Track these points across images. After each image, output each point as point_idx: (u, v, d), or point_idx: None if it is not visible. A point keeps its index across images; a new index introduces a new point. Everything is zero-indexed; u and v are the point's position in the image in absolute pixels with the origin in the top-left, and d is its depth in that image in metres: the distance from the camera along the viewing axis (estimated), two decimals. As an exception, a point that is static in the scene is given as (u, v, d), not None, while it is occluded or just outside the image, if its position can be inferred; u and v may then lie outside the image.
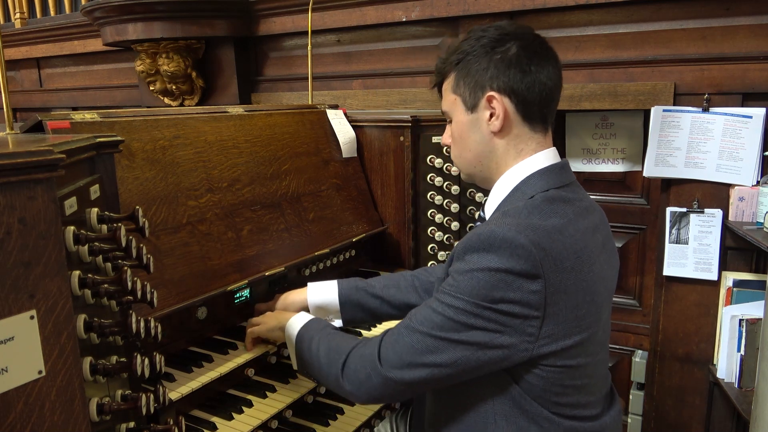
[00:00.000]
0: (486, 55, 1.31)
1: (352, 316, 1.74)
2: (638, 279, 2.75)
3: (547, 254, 1.15)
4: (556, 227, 1.20)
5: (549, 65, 1.32)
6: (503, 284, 1.14)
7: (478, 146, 1.36)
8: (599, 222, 1.37)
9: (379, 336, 1.30)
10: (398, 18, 2.81)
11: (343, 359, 1.31)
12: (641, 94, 2.36)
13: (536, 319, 1.16)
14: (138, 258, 1.11)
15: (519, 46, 1.30)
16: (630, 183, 2.72)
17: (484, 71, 1.31)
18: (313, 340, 1.43)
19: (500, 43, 1.31)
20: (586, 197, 1.38)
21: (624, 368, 2.77)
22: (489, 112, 1.32)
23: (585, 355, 1.25)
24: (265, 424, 1.53)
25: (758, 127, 2.18)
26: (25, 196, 0.79)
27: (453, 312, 1.18)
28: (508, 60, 1.29)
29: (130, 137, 1.56)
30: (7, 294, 0.78)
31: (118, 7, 3.12)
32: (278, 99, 3.32)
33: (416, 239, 2.32)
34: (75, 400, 0.87)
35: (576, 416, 1.28)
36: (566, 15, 2.49)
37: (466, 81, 1.34)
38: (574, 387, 1.26)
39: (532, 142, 1.34)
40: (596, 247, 1.28)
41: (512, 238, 1.14)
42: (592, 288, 1.22)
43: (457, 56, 1.36)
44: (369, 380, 1.26)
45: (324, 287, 1.74)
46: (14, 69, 4.66)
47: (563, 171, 1.35)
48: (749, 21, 2.17)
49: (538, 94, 1.30)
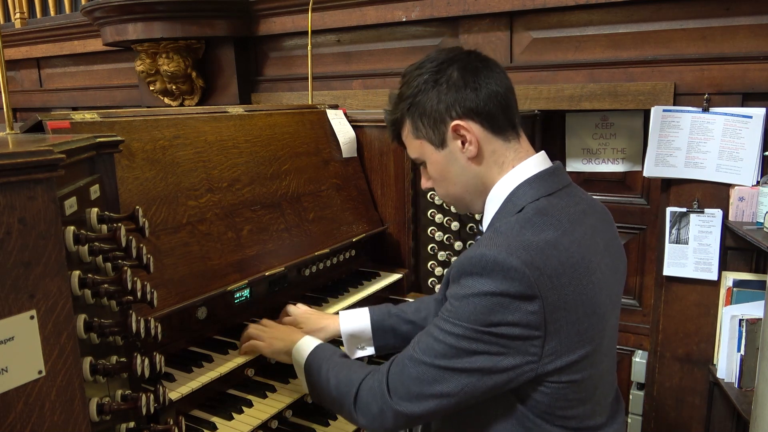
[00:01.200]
0: (432, 88, 1.30)
1: (385, 343, 1.71)
2: (638, 279, 2.75)
3: (542, 273, 1.12)
4: (550, 242, 1.16)
5: (493, 73, 1.31)
6: (500, 307, 1.12)
7: (462, 177, 1.34)
8: (600, 223, 1.34)
9: (386, 365, 1.28)
10: (398, 18, 2.81)
11: (354, 392, 1.29)
12: (641, 94, 2.36)
13: (538, 339, 1.14)
14: (138, 258, 1.11)
15: (458, 68, 1.29)
16: (630, 183, 2.72)
17: (438, 104, 1.29)
18: (321, 370, 1.40)
19: (440, 73, 1.30)
20: (584, 199, 1.35)
21: (624, 368, 2.77)
22: (460, 141, 1.31)
23: (590, 368, 1.22)
24: (265, 424, 1.53)
25: (758, 127, 2.18)
26: (25, 196, 0.79)
27: (454, 339, 1.16)
28: (455, 85, 1.29)
29: (130, 137, 1.56)
30: (7, 294, 0.77)
31: (118, 7, 3.12)
32: (278, 99, 3.32)
33: (416, 239, 2.32)
34: (75, 400, 0.87)
35: (581, 428, 1.26)
36: (566, 15, 2.49)
37: (423, 121, 1.32)
38: (579, 400, 1.24)
39: (509, 152, 1.32)
40: (596, 254, 1.25)
41: (503, 261, 1.11)
42: (593, 300, 1.19)
43: (405, 103, 1.34)
44: (382, 415, 1.25)
45: (356, 315, 1.71)
46: (14, 69, 4.66)
47: (554, 176, 1.31)
48: (749, 21, 2.17)
49: (496, 105, 1.29)
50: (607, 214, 1.41)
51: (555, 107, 2.54)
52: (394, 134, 1.44)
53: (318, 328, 1.70)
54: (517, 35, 2.63)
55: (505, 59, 2.66)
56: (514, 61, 2.65)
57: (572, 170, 2.81)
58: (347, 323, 1.70)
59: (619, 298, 1.39)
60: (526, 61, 2.62)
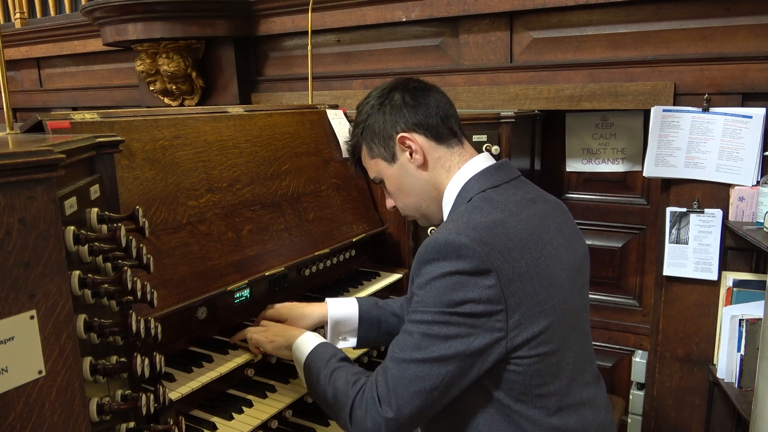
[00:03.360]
0: (378, 111, 1.46)
1: (368, 334, 1.71)
2: (638, 279, 2.75)
3: (492, 248, 1.19)
4: (497, 221, 1.25)
5: (431, 93, 1.46)
6: (459, 285, 1.18)
7: (415, 186, 1.46)
8: (552, 211, 1.41)
9: (374, 375, 1.30)
10: (398, 18, 2.81)
11: (350, 406, 1.31)
12: (641, 94, 2.36)
13: (501, 313, 1.19)
14: (138, 258, 1.11)
15: (400, 91, 1.45)
16: (630, 183, 2.72)
17: (384, 123, 1.45)
18: (320, 375, 1.40)
19: (385, 97, 1.46)
20: (532, 190, 1.44)
21: (624, 368, 2.77)
22: (408, 152, 1.43)
23: (557, 339, 1.26)
24: (265, 424, 1.53)
25: (758, 127, 2.18)
26: (25, 196, 0.79)
27: (425, 327, 1.21)
28: (398, 105, 1.44)
29: (130, 137, 1.56)
30: (7, 294, 0.78)
31: (118, 7, 3.12)
32: (278, 99, 3.32)
33: (416, 239, 2.32)
34: (75, 400, 0.87)
35: (562, 407, 1.28)
36: (566, 15, 2.49)
37: (375, 141, 1.47)
38: (553, 374, 1.27)
39: (454, 156, 1.44)
40: (546, 233, 1.32)
41: (454, 240, 1.19)
42: (548, 271, 1.25)
43: (359, 129, 1.50)
44: (376, 427, 1.26)
45: (344, 302, 1.72)
46: (14, 69, 4.66)
47: (500, 170, 1.41)
48: (749, 21, 2.17)
49: (436, 116, 1.43)
50: (560, 204, 1.49)
51: (555, 107, 2.54)
52: (354, 161, 1.57)
53: (303, 315, 1.69)
54: (517, 35, 2.63)
55: (505, 59, 2.66)
56: (514, 61, 2.66)
57: (572, 170, 2.81)
58: (335, 309, 1.70)
59: (580, 276, 1.42)
60: (526, 61, 2.62)
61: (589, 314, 1.47)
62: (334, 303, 1.71)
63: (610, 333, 2.80)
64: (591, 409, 1.35)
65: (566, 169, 2.82)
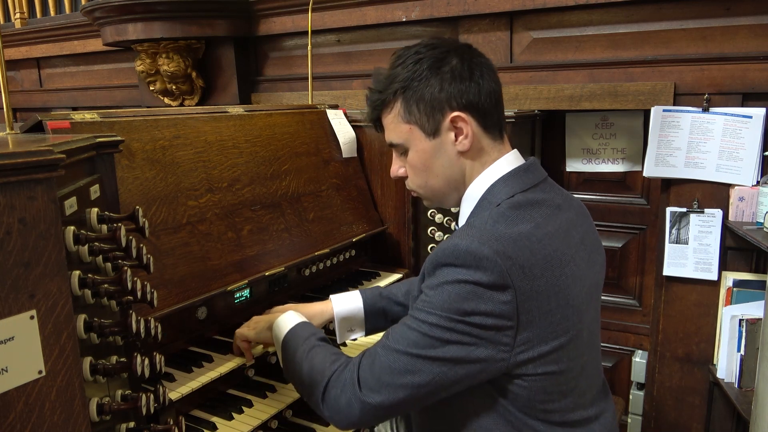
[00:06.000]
0: (434, 75, 1.26)
1: (375, 325, 1.70)
2: (638, 279, 2.75)
3: (514, 263, 1.12)
4: (523, 233, 1.17)
5: (490, 71, 1.30)
6: (473, 296, 1.12)
7: (447, 170, 1.32)
8: (576, 218, 1.33)
9: (358, 357, 1.27)
10: (398, 18, 2.81)
11: (324, 383, 1.27)
12: (641, 94, 2.36)
13: (510, 329, 1.14)
14: (138, 258, 1.11)
15: (459, 58, 1.27)
16: (630, 183, 2.72)
17: (440, 92, 1.26)
18: (297, 351, 1.38)
19: (443, 61, 1.26)
20: (559, 194, 1.34)
21: (624, 368, 2.77)
22: (454, 133, 1.28)
23: (567, 360, 1.22)
24: (265, 424, 1.53)
25: (758, 127, 2.18)
26: (25, 196, 0.79)
27: (428, 327, 1.16)
28: (459, 76, 1.26)
29: (130, 137, 1.56)
30: (7, 294, 0.77)
31: (118, 7, 3.12)
32: (278, 99, 3.32)
33: (416, 239, 2.32)
34: (75, 400, 0.87)
35: (566, 422, 1.26)
36: (566, 15, 2.49)
37: (420, 107, 1.28)
38: (560, 392, 1.23)
39: (494, 151, 1.32)
40: (571, 247, 1.25)
41: (476, 250, 1.12)
42: (567, 291, 1.19)
43: (399, 84, 1.29)
44: (349, 407, 1.23)
45: (348, 298, 1.69)
46: (14, 69, 4.65)
47: (528, 172, 1.31)
48: (749, 21, 2.17)
49: (491, 102, 1.28)
50: (583, 208, 1.41)
51: (555, 107, 2.54)
52: (374, 114, 1.38)
53: (309, 317, 1.64)
54: (517, 35, 2.63)
55: (505, 59, 2.66)
56: (514, 61, 2.65)
57: (572, 170, 2.81)
58: (340, 306, 1.68)
59: (597, 290, 1.38)
60: (526, 61, 2.62)
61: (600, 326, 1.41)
62: (338, 300, 1.69)
63: (610, 333, 2.80)
64: (598, 425, 1.33)
65: (566, 169, 2.82)
